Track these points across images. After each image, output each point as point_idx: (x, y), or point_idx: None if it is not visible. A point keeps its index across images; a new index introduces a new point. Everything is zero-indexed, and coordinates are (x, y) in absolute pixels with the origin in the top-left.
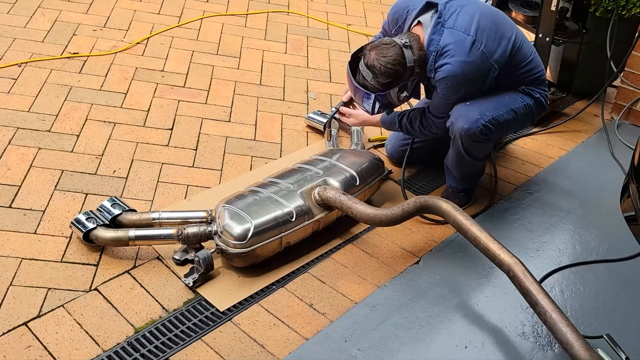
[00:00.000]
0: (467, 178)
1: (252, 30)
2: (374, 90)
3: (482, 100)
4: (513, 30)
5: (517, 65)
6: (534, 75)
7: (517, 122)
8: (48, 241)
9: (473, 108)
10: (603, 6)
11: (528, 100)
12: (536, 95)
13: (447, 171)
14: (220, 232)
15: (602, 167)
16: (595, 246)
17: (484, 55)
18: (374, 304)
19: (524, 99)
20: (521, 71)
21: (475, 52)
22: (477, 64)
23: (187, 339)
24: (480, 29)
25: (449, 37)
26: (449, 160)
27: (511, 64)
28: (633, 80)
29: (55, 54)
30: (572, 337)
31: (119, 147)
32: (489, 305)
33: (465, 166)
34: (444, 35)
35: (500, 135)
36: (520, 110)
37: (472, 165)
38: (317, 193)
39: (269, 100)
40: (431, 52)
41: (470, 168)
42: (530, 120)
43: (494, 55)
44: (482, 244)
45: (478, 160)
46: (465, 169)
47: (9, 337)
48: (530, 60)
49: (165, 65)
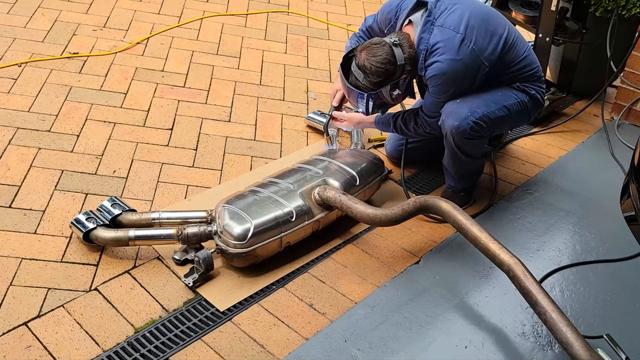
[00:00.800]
0: (465, 177)
1: (252, 30)
2: (367, 90)
3: (473, 98)
4: (505, 28)
5: (511, 62)
6: (528, 72)
7: (510, 119)
8: (48, 241)
9: (463, 105)
10: (603, 6)
11: (523, 97)
12: (531, 92)
13: (445, 171)
14: (220, 232)
15: (602, 167)
16: (595, 246)
17: (473, 52)
18: (374, 304)
19: (518, 96)
20: (515, 68)
21: (465, 50)
22: (467, 62)
23: (187, 339)
24: (470, 26)
25: (439, 35)
26: (446, 160)
27: (504, 61)
28: (633, 80)
29: (55, 54)
30: (572, 337)
31: (119, 147)
32: (489, 305)
33: (461, 165)
34: (433, 34)
35: (493, 133)
36: (513, 107)
37: (468, 163)
38: (317, 193)
39: (269, 100)
40: (421, 51)
41: (467, 167)
42: (526, 118)
43: (484, 52)
44: (482, 244)
45: (474, 159)
46: (461, 168)
47: (9, 337)
48: (524, 57)
49: (165, 65)
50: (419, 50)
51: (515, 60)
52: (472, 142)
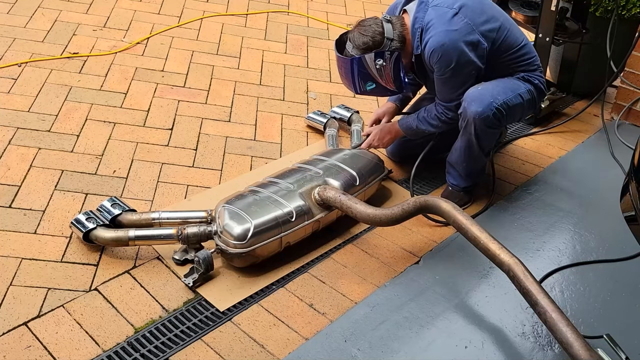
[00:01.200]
0: (471, 175)
1: (252, 30)
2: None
3: (491, 85)
4: (501, 15)
5: (509, 48)
6: (528, 60)
7: (522, 108)
8: (48, 241)
9: (485, 92)
10: (603, 6)
11: (530, 87)
12: (535, 81)
13: (450, 168)
14: (220, 232)
15: (602, 167)
16: (595, 246)
17: (468, 25)
18: (374, 304)
19: (526, 85)
20: (515, 55)
21: (458, 22)
22: (462, 32)
23: (187, 339)
24: (465, 6)
25: (433, 14)
26: (454, 156)
27: (503, 46)
28: (633, 80)
29: (55, 54)
30: (572, 337)
31: (119, 147)
32: (489, 305)
33: (471, 159)
34: (427, 13)
35: (509, 122)
36: (525, 96)
37: (478, 158)
38: (317, 193)
39: (269, 100)
40: (417, 30)
41: (476, 162)
42: (533, 106)
43: (480, 27)
44: (482, 243)
45: (484, 154)
46: (471, 163)
47: (9, 337)
48: (522, 44)
49: (165, 65)
50: (414, 30)
51: (514, 46)
52: (490, 131)
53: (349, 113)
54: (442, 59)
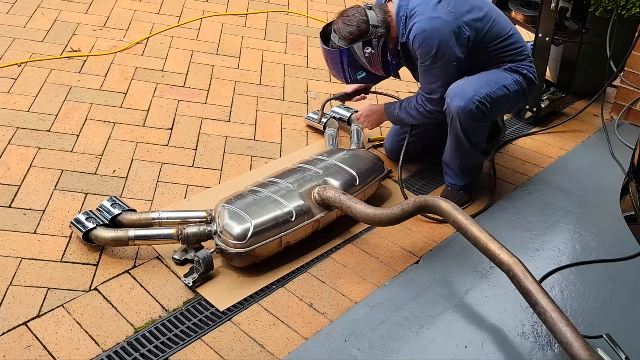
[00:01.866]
0: (467, 172)
1: (252, 30)
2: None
3: (474, 79)
4: (486, 5)
5: (496, 38)
6: (516, 50)
7: (510, 100)
8: (48, 241)
9: (467, 86)
10: (603, 6)
11: (517, 78)
12: (524, 71)
13: (446, 168)
14: (220, 232)
15: (602, 167)
16: (595, 246)
17: (451, 14)
18: (374, 304)
19: (513, 77)
20: (501, 45)
21: (442, 10)
22: (445, 20)
23: (187, 339)
24: None
25: (417, 1)
26: (448, 155)
27: (489, 36)
28: (633, 80)
29: (55, 54)
30: (572, 337)
31: (119, 147)
32: (489, 305)
33: (464, 156)
34: (411, 1)
35: (495, 115)
36: (512, 87)
37: (471, 155)
38: (317, 193)
39: (269, 100)
40: (401, 18)
41: (470, 159)
42: (523, 98)
43: (464, 17)
44: (482, 243)
45: (476, 149)
46: (465, 160)
47: (9, 337)
48: (510, 34)
49: (165, 65)
50: (399, 18)
51: (501, 36)
52: (477, 125)
53: (349, 113)
54: (424, 45)
